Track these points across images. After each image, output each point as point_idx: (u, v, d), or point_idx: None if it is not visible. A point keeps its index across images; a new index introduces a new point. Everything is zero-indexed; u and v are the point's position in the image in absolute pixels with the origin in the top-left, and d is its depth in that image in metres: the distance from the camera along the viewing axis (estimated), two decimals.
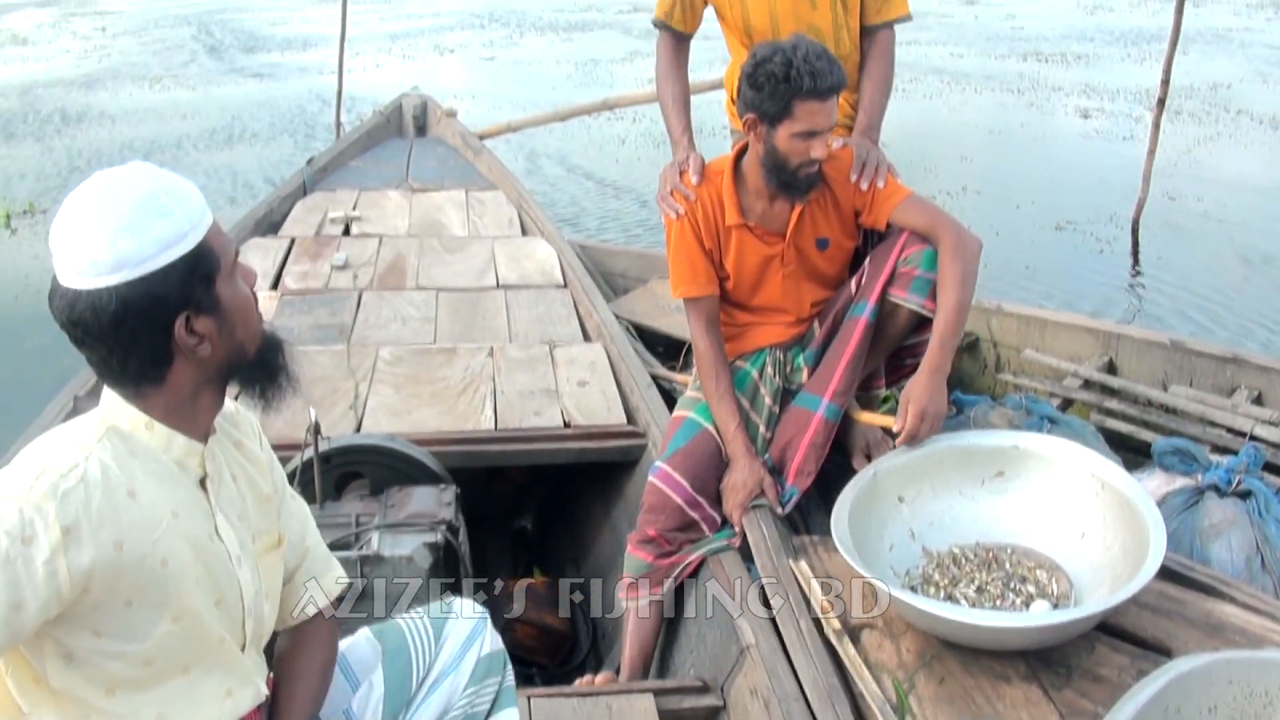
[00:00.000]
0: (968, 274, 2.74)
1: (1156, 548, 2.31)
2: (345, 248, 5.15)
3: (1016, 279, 6.93)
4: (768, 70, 2.66)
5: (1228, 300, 6.68)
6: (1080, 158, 10.42)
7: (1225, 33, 18.77)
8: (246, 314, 1.57)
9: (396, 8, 28.85)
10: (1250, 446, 3.24)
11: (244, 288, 1.57)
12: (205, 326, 1.50)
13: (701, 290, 2.92)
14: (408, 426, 3.48)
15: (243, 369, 1.59)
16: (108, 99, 15.06)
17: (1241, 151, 10.58)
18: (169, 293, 1.45)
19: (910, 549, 2.69)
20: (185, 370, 1.52)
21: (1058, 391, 4.15)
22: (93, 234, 1.43)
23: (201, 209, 1.51)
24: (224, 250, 1.53)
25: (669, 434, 3.00)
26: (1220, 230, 8.06)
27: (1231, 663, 2.07)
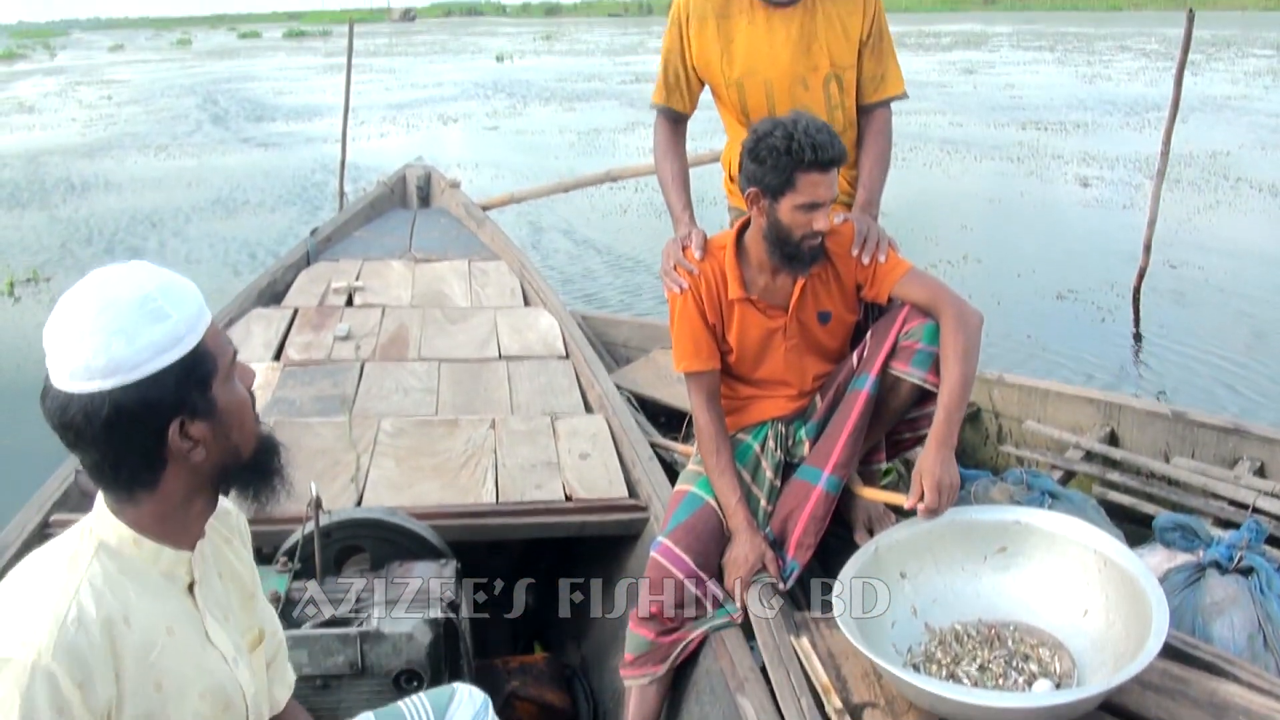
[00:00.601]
0: (970, 348, 2.75)
1: (1159, 626, 2.30)
2: (348, 318, 5.17)
3: (1019, 348, 6.96)
4: (769, 144, 2.70)
5: (1230, 370, 6.70)
6: (1081, 226, 10.49)
7: (1224, 101, 18.98)
8: (242, 416, 1.54)
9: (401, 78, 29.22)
10: (1252, 521, 3.23)
11: (240, 389, 1.55)
12: (200, 431, 1.48)
13: (704, 365, 2.94)
14: (409, 499, 3.48)
15: (237, 471, 1.57)
16: (113, 167, 15.22)
17: (1241, 219, 10.66)
18: (163, 398, 1.43)
19: (912, 625, 2.68)
20: (178, 475, 1.49)
21: (1059, 464, 4.15)
22: (86, 337, 1.40)
23: (199, 311, 1.49)
24: (221, 352, 1.51)
25: (670, 508, 3.00)
26: (1221, 299, 8.11)
27: None
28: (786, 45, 3.18)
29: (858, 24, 3.21)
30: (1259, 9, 61.81)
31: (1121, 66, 27.69)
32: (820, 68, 3.19)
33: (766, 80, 3.21)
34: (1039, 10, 76.65)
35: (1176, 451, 4.10)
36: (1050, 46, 36.27)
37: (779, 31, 3.19)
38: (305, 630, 2.78)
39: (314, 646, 2.76)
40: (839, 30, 3.20)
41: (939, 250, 9.30)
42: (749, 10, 3.21)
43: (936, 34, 45.70)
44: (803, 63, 3.19)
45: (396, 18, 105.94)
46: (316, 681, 2.76)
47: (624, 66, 32.22)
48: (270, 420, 3.99)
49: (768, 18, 3.20)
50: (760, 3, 3.19)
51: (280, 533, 3.11)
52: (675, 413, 4.74)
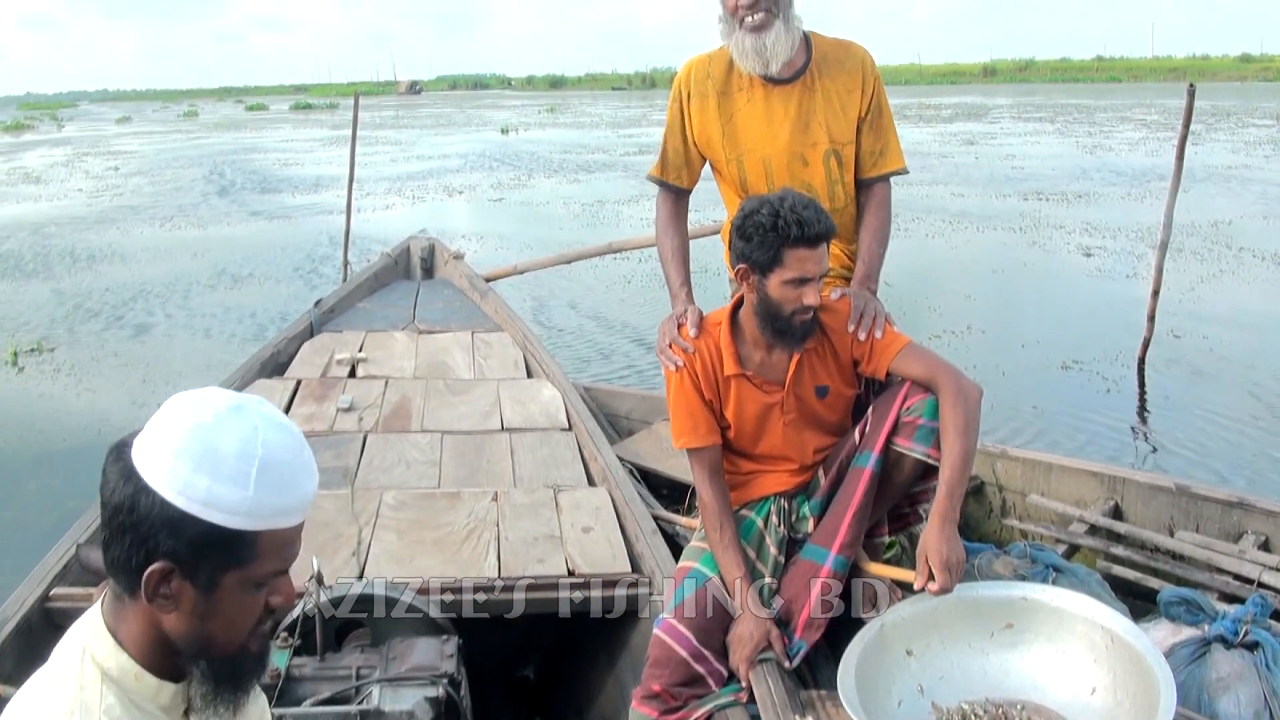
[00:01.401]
0: (970, 422, 2.75)
1: (1167, 704, 2.27)
2: (351, 389, 5.18)
3: (1024, 420, 6.95)
4: (755, 221, 2.73)
5: (1236, 441, 6.69)
6: (1084, 296, 10.53)
7: (1225, 171, 19.13)
8: (237, 620, 1.43)
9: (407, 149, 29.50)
10: (1257, 595, 3.20)
11: (255, 603, 1.43)
12: (180, 591, 1.39)
13: (703, 441, 2.94)
14: (411, 572, 3.46)
15: (203, 659, 1.45)
16: (119, 238, 15.32)
17: (1245, 289, 10.70)
18: (178, 541, 1.35)
19: (919, 704, 2.64)
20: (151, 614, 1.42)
21: (1063, 537, 4.12)
22: (171, 444, 1.35)
23: (282, 508, 1.39)
24: (269, 560, 1.40)
25: (674, 585, 2.98)
26: (1226, 369, 8.11)
27: None
28: (785, 122, 3.22)
29: (856, 100, 3.25)
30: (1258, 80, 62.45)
31: (1122, 137, 27.95)
32: (819, 144, 3.23)
33: (765, 157, 3.25)
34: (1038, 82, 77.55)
35: (1181, 525, 4.08)
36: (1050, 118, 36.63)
37: (778, 109, 3.23)
38: (305, 709, 2.75)
39: None
40: (837, 107, 3.24)
41: (942, 321, 9.32)
42: (748, 88, 3.25)
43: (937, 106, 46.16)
44: (801, 139, 3.23)
45: (403, 91, 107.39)
46: None
47: (627, 139, 32.55)
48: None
49: (766, 95, 3.24)
50: (760, 81, 3.24)
51: None
52: (678, 485, 4.73)
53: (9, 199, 21.16)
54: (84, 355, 9.23)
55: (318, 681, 2.86)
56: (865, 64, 3.29)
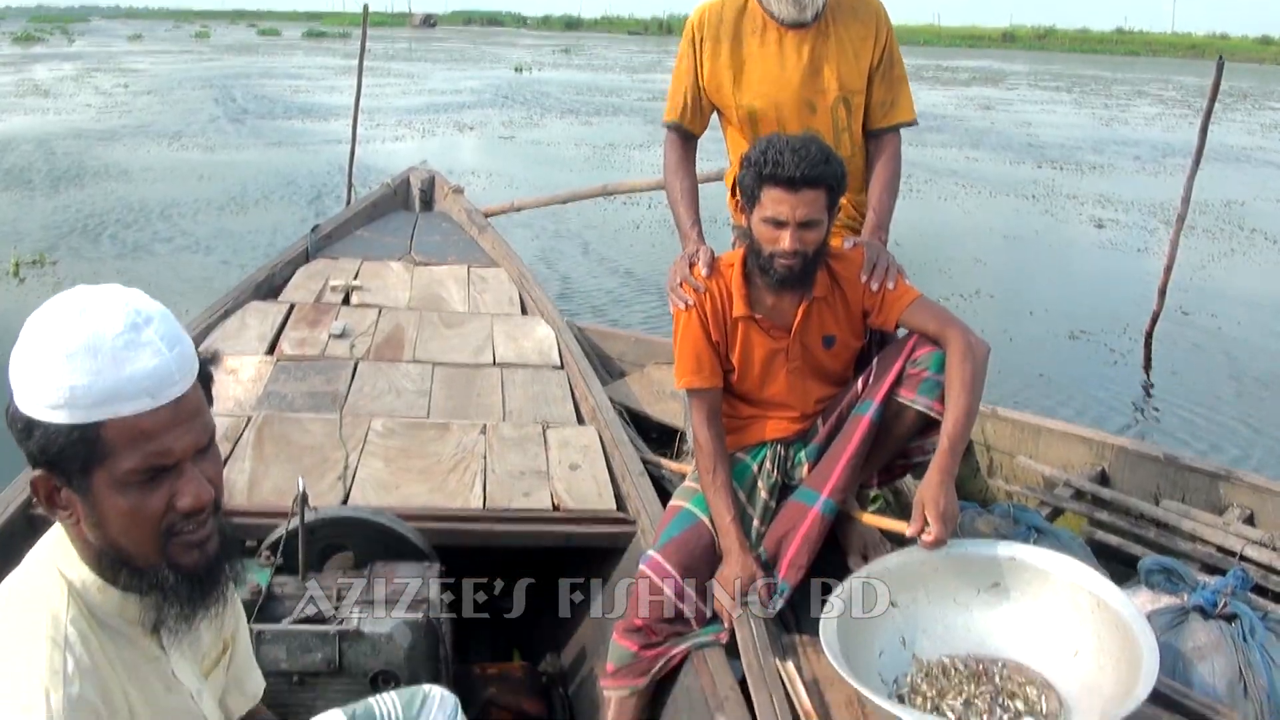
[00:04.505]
0: (976, 378, 2.72)
1: (1149, 671, 2.26)
2: (344, 316, 5.14)
3: (1030, 387, 6.94)
4: (750, 153, 2.73)
5: (1236, 419, 6.70)
6: (1094, 267, 10.50)
7: (1240, 151, 19.03)
8: (130, 526, 1.35)
9: (419, 83, 29.32)
10: (1238, 568, 3.20)
11: (145, 506, 1.34)
12: (70, 502, 1.35)
13: (706, 382, 2.91)
14: (396, 500, 3.44)
15: (128, 569, 1.40)
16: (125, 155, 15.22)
17: (1255, 270, 10.67)
18: (47, 449, 1.31)
19: (900, 656, 2.64)
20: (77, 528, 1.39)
21: (1048, 500, 4.11)
22: (19, 348, 1.32)
23: (108, 398, 1.29)
24: (126, 455, 1.31)
25: (663, 523, 2.97)
26: (1232, 348, 8.11)
27: None
28: (797, 68, 3.18)
29: (869, 49, 3.21)
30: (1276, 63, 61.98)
31: (1138, 111, 27.76)
32: (829, 91, 3.19)
33: (777, 104, 3.21)
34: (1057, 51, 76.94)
35: (1167, 494, 4.07)
36: (1068, 88, 36.38)
37: (790, 54, 3.18)
38: (284, 626, 2.74)
39: (292, 643, 2.72)
40: (850, 55, 3.19)
41: (951, 284, 9.28)
42: (761, 31, 3.20)
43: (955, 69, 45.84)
44: (811, 85, 3.18)
45: (417, 23, 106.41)
46: (293, 678, 2.72)
47: (642, 84, 32.33)
48: (260, 414, 3.97)
49: (779, 39, 3.19)
50: (774, 24, 3.19)
51: (264, 526, 3.08)
52: (667, 429, 4.71)
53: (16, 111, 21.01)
54: (85, 270, 9.18)
55: (298, 600, 2.84)
56: (879, 13, 3.25)
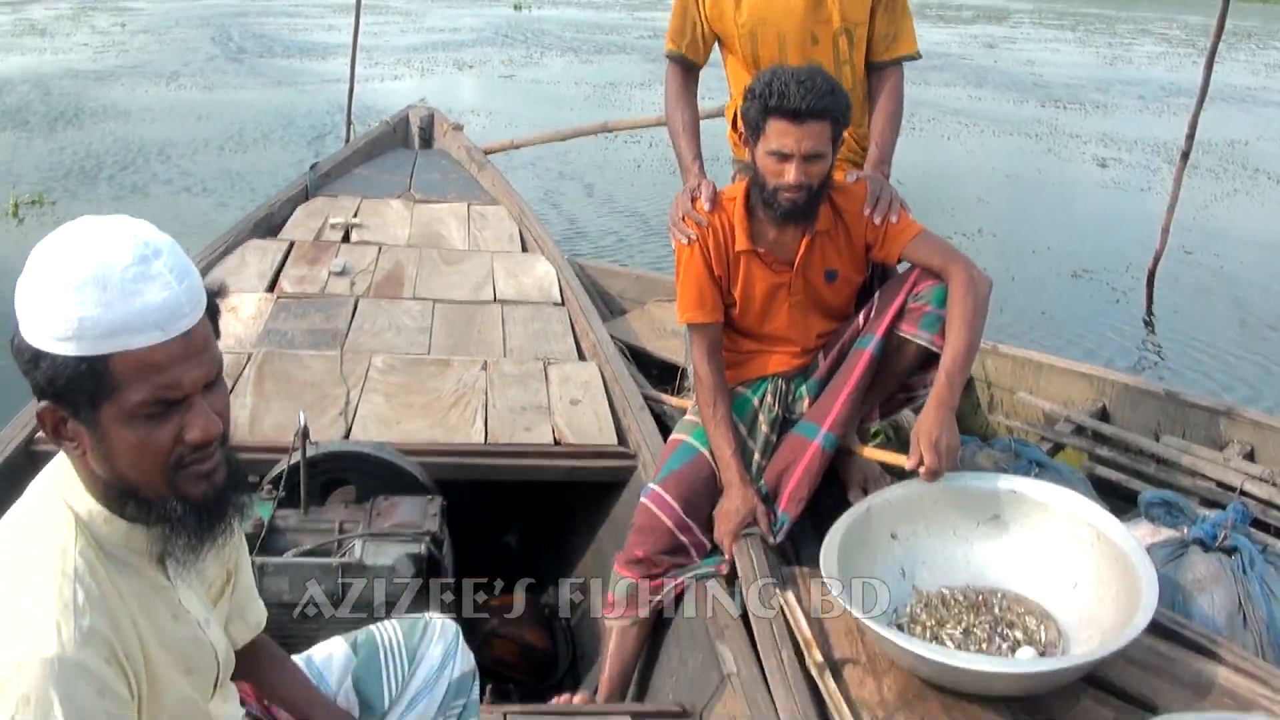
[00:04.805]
0: (978, 313, 2.71)
1: (1148, 603, 2.28)
2: (344, 254, 5.12)
3: (1032, 325, 6.92)
4: (754, 85, 2.69)
5: (1237, 356, 6.69)
6: (1097, 207, 10.43)
7: (1244, 91, 18.84)
8: (139, 459, 1.34)
9: (416, 21, 28.98)
10: (1238, 502, 3.20)
11: (154, 439, 1.33)
12: (76, 434, 1.34)
13: (707, 317, 2.89)
14: (397, 436, 3.45)
15: (134, 500, 1.39)
16: (123, 94, 15.08)
17: (1258, 210, 10.60)
18: (54, 381, 1.29)
19: (900, 587, 2.65)
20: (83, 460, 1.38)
21: (1049, 436, 4.12)
22: (26, 278, 1.31)
23: (116, 331, 1.28)
24: (135, 389, 1.30)
25: (664, 456, 2.98)
26: (1234, 288, 8.07)
27: None
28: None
29: None
30: None
31: (1142, 50, 27.47)
32: (831, 21, 3.14)
33: (780, 32, 3.16)
34: None
35: (1167, 430, 4.07)
36: (1071, 26, 35.98)
37: None
38: (286, 558, 2.76)
39: (294, 575, 2.74)
40: None
41: (954, 222, 9.22)
42: None
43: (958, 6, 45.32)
44: (814, 15, 3.14)
45: None
46: (295, 610, 2.74)
47: (643, 21, 31.96)
48: (260, 351, 3.97)
49: None
50: None
51: (265, 461, 3.09)
52: (668, 366, 4.70)
53: (13, 51, 20.77)
54: (84, 210, 9.00)
55: (300, 533, 2.86)
56: None
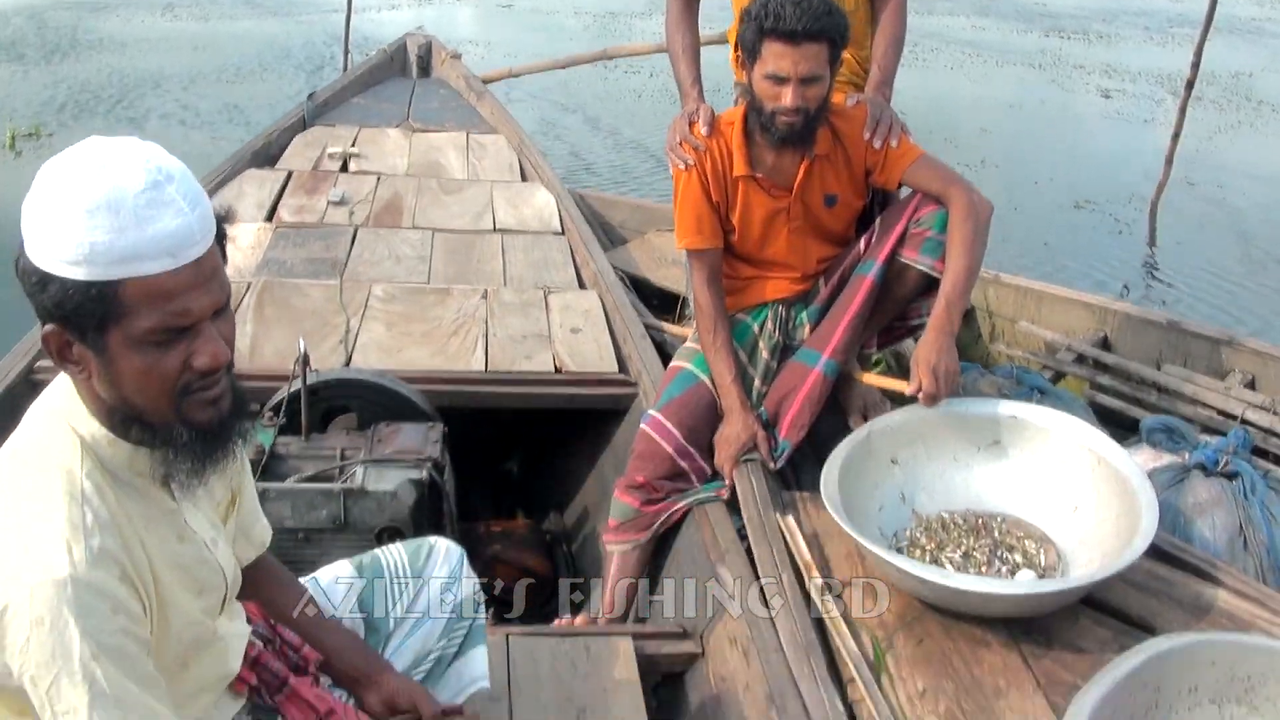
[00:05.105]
0: (978, 237, 2.69)
1: (1148, 526, 2.29)
2: (342, 184, 5.09)
3: (1034, 256, 6.90)
4: (749, 8, 2.65)
5: (1241, 287, 6.69)
6: (1100, 138, 10.37)
7: (1250, 23, 18.63)
8: (145, 385, 1.34)
9: None
10: (1239, 429, 3.21)
11: (162, 364, 1.32)
12: (82, 357, 1.33)
13: (706, 243, 2.87)
14: (398, 364, 3.45)
15: (138, 424, 1.38)
16: (119, 25, 14.90)
17: (1262, 142, 10.54)
18: (63, 303, 1.28)
19: (899, 511, 2.67)
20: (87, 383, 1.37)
21: (1050, 364, 4.12)
22: (35, 199, 1.29)
23: (129, 257, 1.26)
24: (144, 315, 1.29)
25: (664, 383, 2.97)
26: (1237, 219, 8.05)
27: (1215, 644, 2.06)
28: None
29: None
30: None
31: None
32: None
33: None
34: None
35: (1168, 359, 4.07)
36: None
37: None
38: (289, 484, 2.77)
39: (297, 500, 2.75)
40: None
41: (957, 154, 9.14)
42: None
43: None
44: None
45: None
46: (299, 535, 2.76)
47: None
48: (260, 280, 3.96)
49: None
50: None
51: (266, 389, 3.08)
52: (668, 295, 4.70)
53: None
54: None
55: (302, 460, 2.87)
56: None
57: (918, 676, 2.17)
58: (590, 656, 2.32)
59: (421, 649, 1.92)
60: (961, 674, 2.18)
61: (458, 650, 1.98)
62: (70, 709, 1.27)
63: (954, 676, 2.17)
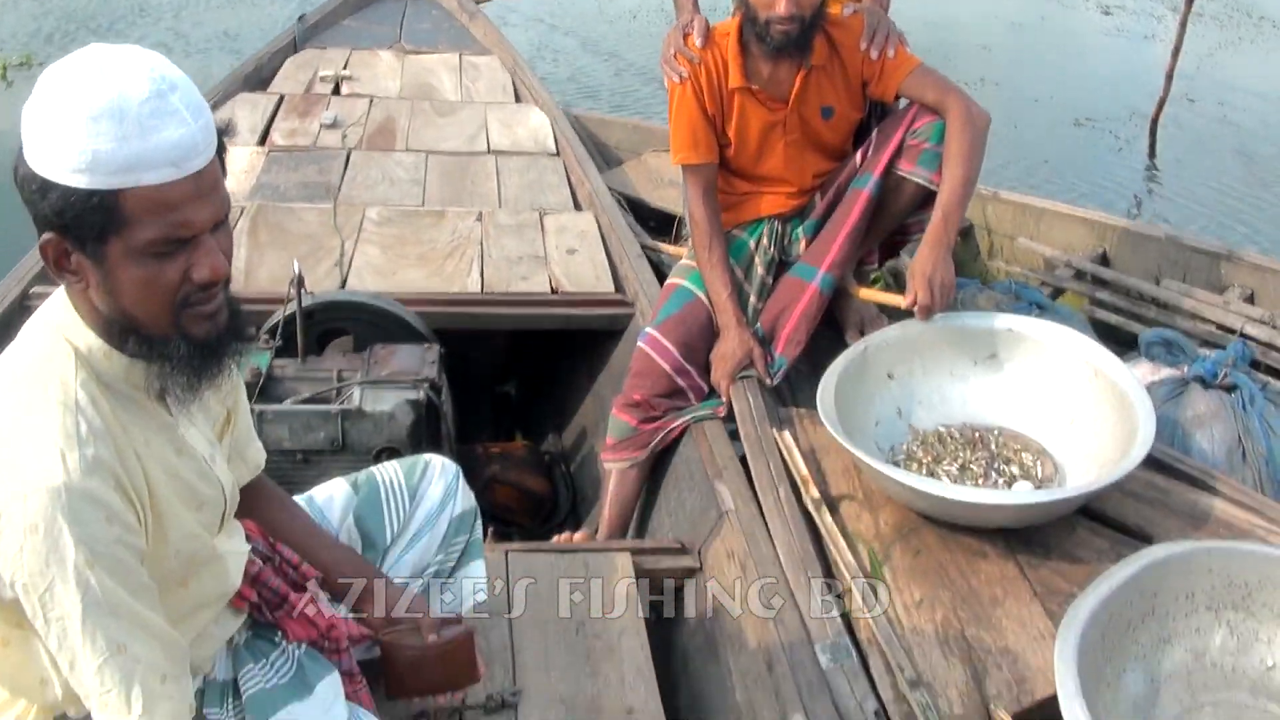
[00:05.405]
0: (975, 147, 2.67)
1: (1145, 436, 2.29)
2: (335, 106, 5.03)
3: (1035, 174, 6.85)
4: None
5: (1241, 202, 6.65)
6: (1100, 55, 10.25)
7: None
8: (145, 297, 1.32)
9: None
10: (1238, 342, 3.20)
11: (161, 276, 1.31)
12: (81, 267, 1.32)
13: (701, 157, 2.84)
14: (393, 286, 3.43)
15: (135, 335, 1.37)
16: None
17: (1263, 58, 10.42)
18: (63, 212, 1.26)
19: (896, 426, 2.67)
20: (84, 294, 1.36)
21: (1049, 280, 4.10)
22: (37, 105, 1.27)
23: (132, 166, 1.24)
24: (145, 226, 1.27)
25: (660, 301, 2.96)
26: (1238, 136, 7.97)
27: (1212, 552, 2.07)
28: None
29: None
30: None
31: None
32: None
33: None
34: None
35: (1167, 274, 4.05)
36: None
37: None
38: (286, 406, 2.76)
39: (295, 422, 2.75)
40: None
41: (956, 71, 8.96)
42: None
43: None
44: None
45: None
46: (297, 456, 2.77)
47: None
48: (254, 204, 3.93)
49: None
50: None
51: (262, 312, 3.07)
52: (665, 216, 4.65)
53: None
54: None
55: (299, 382, 2.86)
56: None
57: (914, 587, 2.19)
58: (589, 571, 2.33)
59: (419, 563, 1.93)
60: (958, 584, 2.20)
61: (456, 565, 1.99)
62: (63, 615, 1.28)
63: (951, 586, 2.19)
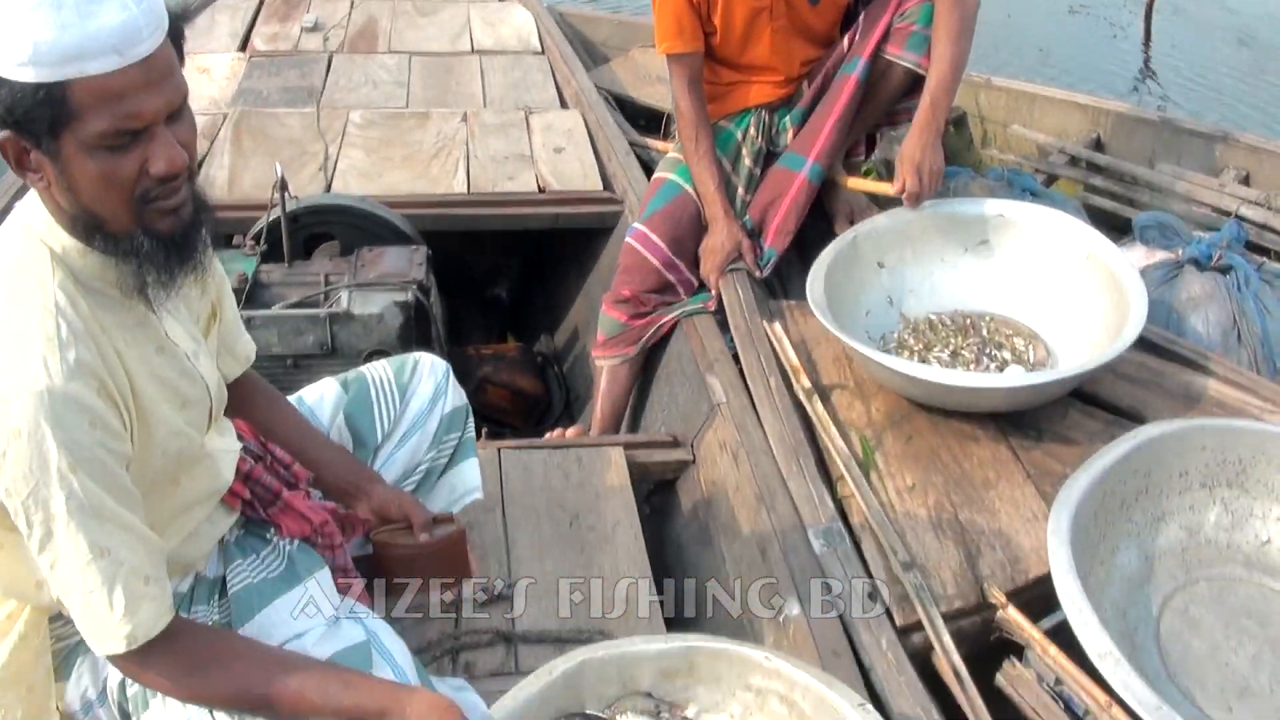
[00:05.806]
0: (964, 28, 2.60)
1: (1137, 317, 2.27)
2: (316, 9, 4.97)
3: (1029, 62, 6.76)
4: None
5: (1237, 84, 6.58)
6: None
7: None
8: (102, 191, 1.30)
9: None
10: (1233, 223, 3.17)
11: (117, 169, 1.28)
12: (39, 165, 1.29)
13: (687, 46, 2.77)
14: (378, 189, 3.40)
15: (100, 232, 1.34)
16: None
17: None
18: (15, 108, 1.24)
19: (887, 315, 2.66)
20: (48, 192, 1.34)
21: (1043, 168, 4.05)
22: None
23: (75, 55, 1.22)
24: (97, 117, 1.25)
25: (648, 195, 2.93)
26: (1232, 19, 7.86)
27: (1205, 429, 2.07)
28: None
29: None
30: None
31: None
32: None
33: None
34: None
35: (1162, 158, 3.99)
36: None
37: None
38: (275, 311, 2.75)
39: (283, 327, 2.74)
40: None
41: None
42: None
43: None
44: None
45: None
46: (287, 361, 2.77)
47: None
48: (236, 110, 3.88)
49: None
50: None
51: (246, 219, 3.05)
52: (654, 112, 4.59)
53: None
54: None
55: (286, 287, 2.85)
56: None
57: (906, 472, 2.19)
58: (583, 466, 2.34)
59: (410, 461, 1.93)
60: (950, 468, 2.20)
61: (448, 462, 1.99)
62: (47, 519, 1.29)
63: (943, 470, 2.20)
